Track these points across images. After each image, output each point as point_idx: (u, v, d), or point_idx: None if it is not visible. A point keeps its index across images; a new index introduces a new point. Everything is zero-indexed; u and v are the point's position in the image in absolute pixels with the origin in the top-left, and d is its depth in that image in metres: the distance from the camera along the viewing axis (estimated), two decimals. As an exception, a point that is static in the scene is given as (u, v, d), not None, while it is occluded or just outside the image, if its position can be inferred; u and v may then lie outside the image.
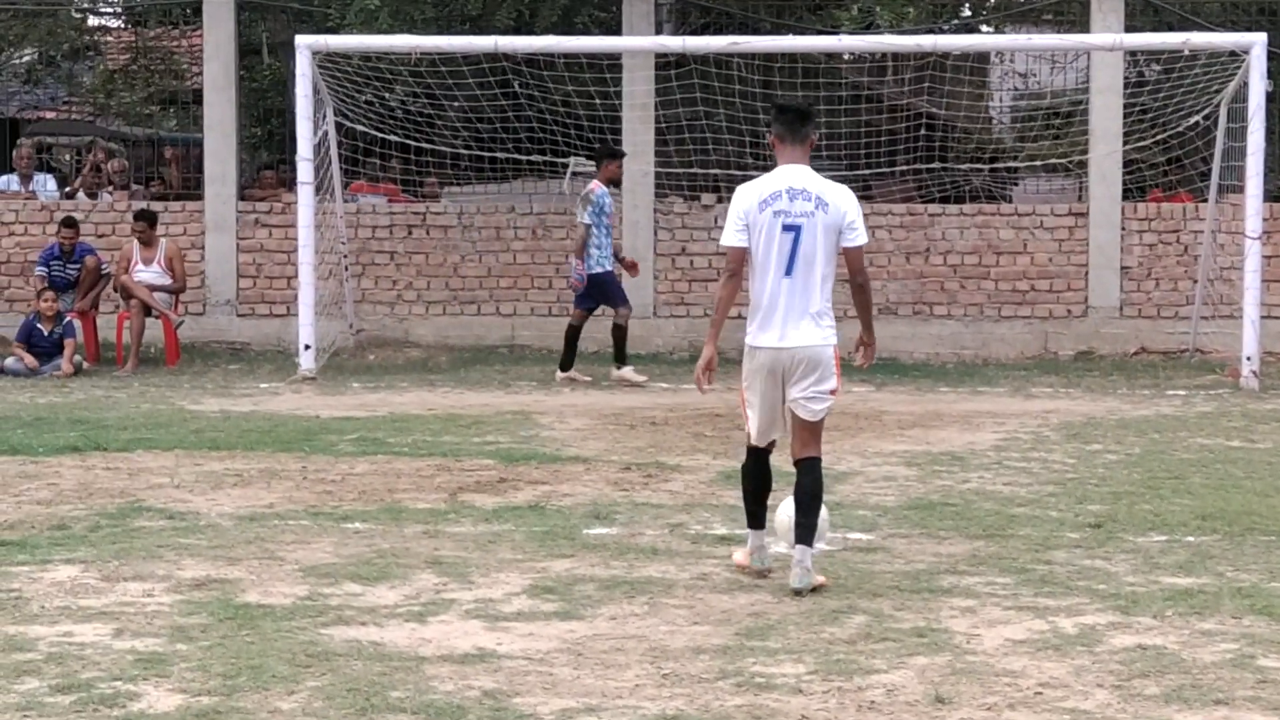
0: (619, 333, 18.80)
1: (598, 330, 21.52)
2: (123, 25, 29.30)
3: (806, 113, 9.09)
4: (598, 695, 6.73)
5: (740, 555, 8.96)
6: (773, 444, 8.88)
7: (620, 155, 19.56)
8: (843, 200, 8.73)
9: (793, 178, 8.72)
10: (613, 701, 6.64)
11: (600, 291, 18.79)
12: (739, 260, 8.79)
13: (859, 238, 8.74)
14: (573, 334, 18.90)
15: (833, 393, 8.73)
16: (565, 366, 18.83)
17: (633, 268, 19.53)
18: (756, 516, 8.90)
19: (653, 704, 6.61)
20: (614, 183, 19.46)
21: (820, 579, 8.56)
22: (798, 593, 8.36)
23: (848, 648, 7.45)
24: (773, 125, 8.89)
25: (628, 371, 18.68)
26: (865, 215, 22.56)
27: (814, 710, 6.54)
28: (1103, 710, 6.55)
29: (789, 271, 8.61)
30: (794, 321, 8.62)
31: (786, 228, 8.60)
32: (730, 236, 8.78)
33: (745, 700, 6.65)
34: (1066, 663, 7.22)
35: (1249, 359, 18.50)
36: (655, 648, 7.45)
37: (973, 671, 7.08)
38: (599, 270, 18.66)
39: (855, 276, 8.88)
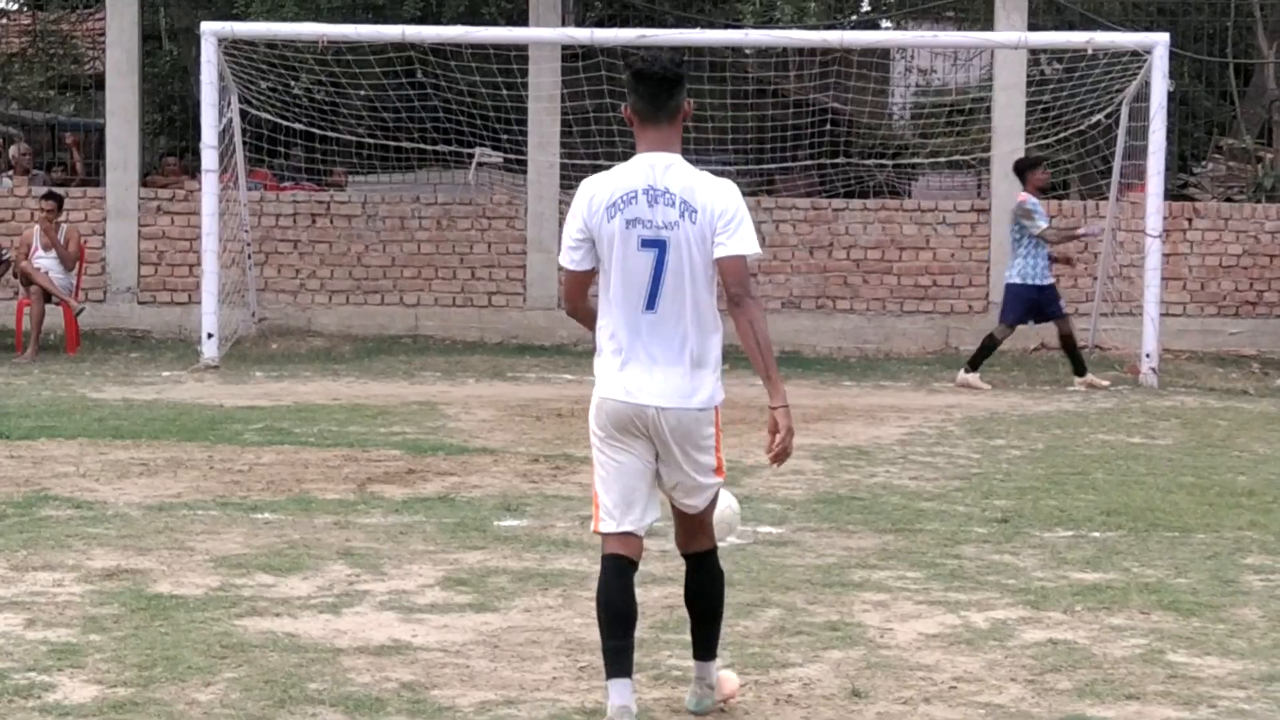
0: (994, 341, 18.22)
1: (500, 321, 21.55)
2: (20, 8, 29.01)
3: (675, 75, 6.25)
4: (516, 688, 6.73)
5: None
6: (638, 547, 6.35)
7: (1040, 161, 18.88)
8: (717, 199, 6.16)
9: (654, 172, 6.18)
10: (531, 694, 6.65)
11: (1019, 303, 18.08)
12: (581, 290, 6.37)
13: (732, 245, 6.14)
14: (993, 344, 18.24)
15: (717, 472, 6.33)
16: (973, 366, 18.25)
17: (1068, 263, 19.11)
18: (617, 658, 6.22)
19: (571, 696, 6.63)
20: (1043, 191, 18.56)
21: (731, 686, 6.59)
22: (694, 715, 6.41)
23: (762, 641, 7.49)
24: (628, 96, 6.30)
25: (975, 379, 18.14)
26: (769, 210, 22.57)
27: (732, 703, 6.57)
28: (1016, 704, 6.62)
29: (651, 304, 6.15)
30: (660, 371, 6.16)
31: (646, 243, 6.14)
32: (566, 254, 6.30)
33: (664, 694, 6.68)
34: (979, 657, 7.29)
35: (1148, 356, 18.72)
36: (571, 640, 7.46)
37: (887, 665, 7.13)
38: (1028, 283, 17.98)
39: (728, 290, 6.17)
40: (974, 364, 18.24)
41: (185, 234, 21.56)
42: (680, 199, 6.14)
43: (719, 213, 6.14)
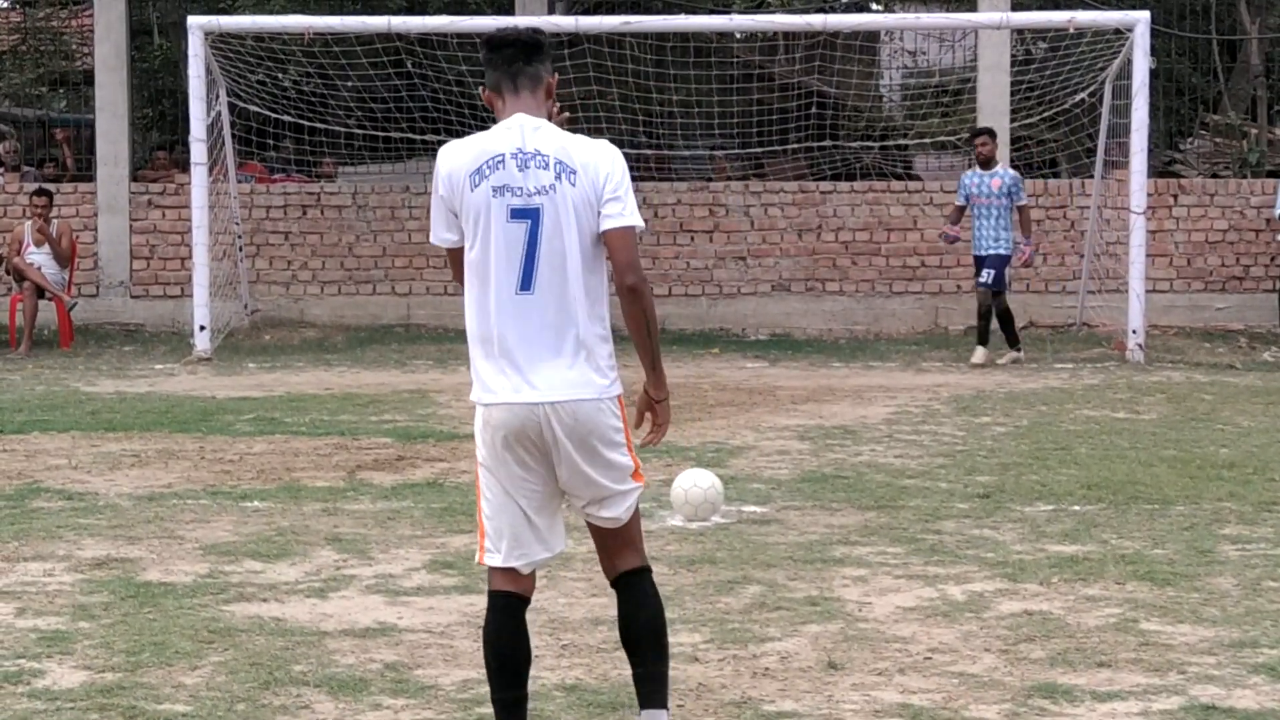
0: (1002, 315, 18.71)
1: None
2: (11, 6, 29.12)
3: (532, 40, 5.62)
4: (498, 666, 6.83)
5: None
6: (529, 582, 5.75)
7: (978, 133, 19.18)
8: (600, 161, 5.49)
9: (521, 134, 5.50)
10: (513, 672, 6.75)
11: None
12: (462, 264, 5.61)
13: (624, 215, 5.48)
14: (994, 315, 18.68)
15: (635, 477, 5.64)
16: (1014, 344, 18.72)
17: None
18: (509, 713, 5.56)
19: (552, 674, 6.74)
20: (982, 164, 18.68)
21: None
22: None
23: (742, 617, 7.60)
24: (486, 76, 5.68)
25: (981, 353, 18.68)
26: (758, 194, 22.68)
27: (710, 677, 6.68)
28: (990, 673, 6.73)
29: (526, 284, 5.44)
30: (544, 360, 5.47)
31: (517, 213, 5.43)
32: (435, 232, 5.66)
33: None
34: (955, 628, 7.40)
35: (1134, 332, 18.86)
36: (554, 619, 7.57)
37: (864, 638, 7.24)
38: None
39: (621, 276, 5.48)
40: (983, 340, 18.75)
41: (176, 227, 21.66)
42: (555, 159, 5.45)
43: (604, 176, 5.48)
